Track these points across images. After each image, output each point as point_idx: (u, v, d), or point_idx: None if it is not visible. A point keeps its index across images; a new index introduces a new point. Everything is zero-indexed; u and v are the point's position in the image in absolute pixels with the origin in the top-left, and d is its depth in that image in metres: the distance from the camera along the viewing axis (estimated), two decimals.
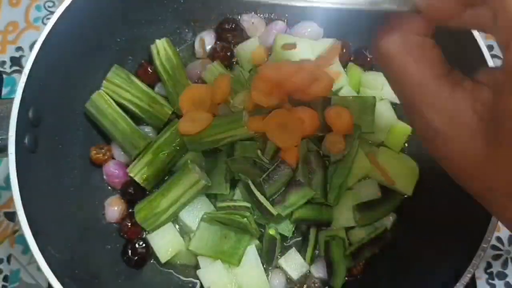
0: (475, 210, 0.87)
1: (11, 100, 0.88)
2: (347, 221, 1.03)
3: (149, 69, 1.14)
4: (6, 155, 0.86)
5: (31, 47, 1.31)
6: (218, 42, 1.17)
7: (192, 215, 1.01)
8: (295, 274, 1.00)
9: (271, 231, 0.97)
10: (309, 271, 1.02)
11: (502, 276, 1.13)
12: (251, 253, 0.98)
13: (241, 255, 0.97)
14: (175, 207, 0.99)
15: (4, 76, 1.30)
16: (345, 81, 1.10)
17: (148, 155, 1.03)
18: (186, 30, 1.21)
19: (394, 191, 1.06)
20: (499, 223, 0.87)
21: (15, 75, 1.31)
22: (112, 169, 1.08)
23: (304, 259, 1.01)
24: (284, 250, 1.03)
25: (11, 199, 1.19)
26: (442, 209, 0.99)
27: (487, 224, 0.82)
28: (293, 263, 1.01)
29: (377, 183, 1.06)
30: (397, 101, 1.04)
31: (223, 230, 0.98)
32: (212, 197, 1.03)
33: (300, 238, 1.05)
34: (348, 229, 1.04)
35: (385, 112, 1.09)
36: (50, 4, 1.39)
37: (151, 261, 1.05)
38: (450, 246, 0.93)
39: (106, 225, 1.06)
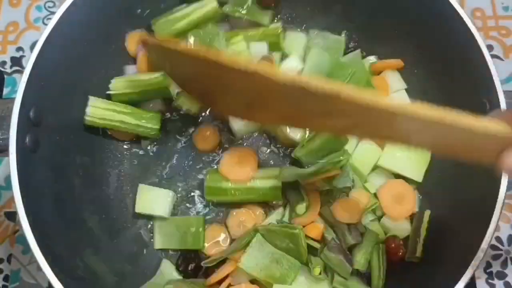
0: (476, 210, 0.88)
1: (12, 100, 0.88)
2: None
3: None
4: (7, 155, 0.86)
5: (32, 47, 1.32)
6: None
7: None
8: None
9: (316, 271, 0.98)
10: None
11: (501, 276, 1.13)
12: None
13: (291, 282, 0.96)
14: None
15: (5, 76, 1.30)
16: None
17: None
18: None
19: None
20: (500, 223, 0.87)
21: (15, 75, 1.31)
22: None
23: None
24: None
25: (11, 199, 1.19)
26: (442, 210, 1.00)
27: (487, 224, 0.82)
28: None
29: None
30: None
31: (275, 255, 0.96)
32: None
33: None
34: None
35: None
36: (51, 4, 1.39)
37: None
38: (450, 246, 0.93)
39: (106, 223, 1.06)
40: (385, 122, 0.65)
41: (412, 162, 1.05)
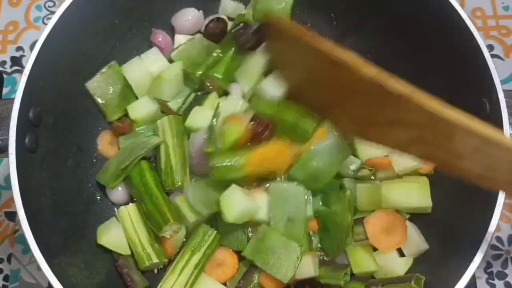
0: (475, 210, 0.88)
1: (11, 101, 0.88)
2: None
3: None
4: (7, 155, 0.86)
5: (32, 47, 1.32)
6: None
7: None
8: None
9: None
10: None
11: (502, 275, 1.13)
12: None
13: None
14: None
15: (5, 76, 1.30)
16: None
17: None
18: None
19: None
20: (499, 223, 0.87)
21: (15, 75, 1.31)
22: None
23: None
24: None
25: (11, 199, 1.19)
26: (442, 210, 1.00)
27: (487, 224, 0.82)
28: None
29: None
30: None
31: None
32: None
33: None
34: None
35: None
36: (51, 4, 1.39)
37: None
38: (451, 245, 0.93)
39: None
40: (446, 136, 0.65)
41: (414, 191, 1.01)
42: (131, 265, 1.01)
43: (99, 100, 1.09)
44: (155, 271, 1.03)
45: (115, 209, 1.05)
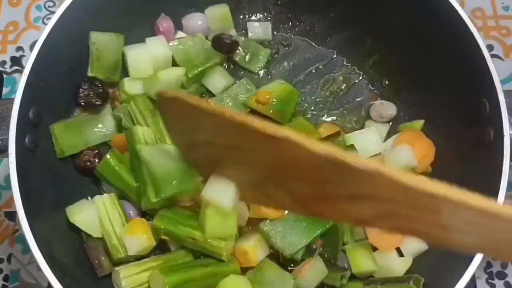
0: None
1: (11, 101, 0.88)
2: None
3: None
4: (7, 155, 0.86)
5: (32, 47, 1.32)
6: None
7: None
8: None
9: None
10: None
11: (501, 275, 1.13)
12: None
13: None
14: None
15: (5, 76, 1.30)
16: None
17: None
18: None
19: None
20: None
21: (15, 75, 1.31)
22: None
23: None
24: None
25: (11, 199, 1.19)
26: None
27: None
28: None
29: None
30: None
31: None
32: None
33: None
34: None
35: None
36: (51, 4, 1.39)
37: None
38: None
39: None
40: (429, 210, 0.54)
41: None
42: (100, 248, 0.98)
43: (95, 50, 1.04)
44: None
45: (89, 197, 1.00)
